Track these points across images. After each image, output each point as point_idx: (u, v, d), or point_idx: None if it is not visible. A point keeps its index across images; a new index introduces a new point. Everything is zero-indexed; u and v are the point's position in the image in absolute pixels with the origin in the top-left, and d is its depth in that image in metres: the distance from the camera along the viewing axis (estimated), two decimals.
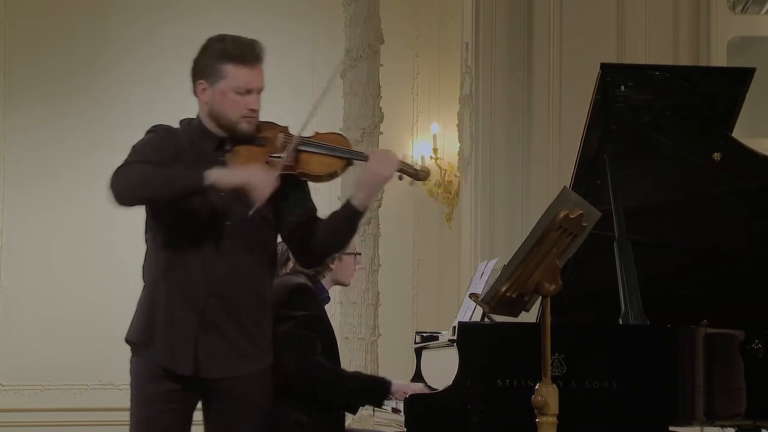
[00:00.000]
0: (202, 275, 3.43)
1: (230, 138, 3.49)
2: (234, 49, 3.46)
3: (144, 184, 3.35)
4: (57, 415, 8.71)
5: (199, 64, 3.50)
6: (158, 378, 3.44)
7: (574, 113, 6.60)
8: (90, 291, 8.64)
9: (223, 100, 3.45)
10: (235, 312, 3.47)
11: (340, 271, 4.63)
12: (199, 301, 3.43)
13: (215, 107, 3.47)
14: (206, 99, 3.48)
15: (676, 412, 3.89)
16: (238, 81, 3.44)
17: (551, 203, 3.34)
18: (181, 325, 3.43)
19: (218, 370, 3.46)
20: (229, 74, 3.45)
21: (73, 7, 9.04)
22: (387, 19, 7.98)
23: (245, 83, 3.45)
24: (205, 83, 3.48)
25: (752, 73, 4.48)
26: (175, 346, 3.43)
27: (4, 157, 9.00)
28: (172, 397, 3.45)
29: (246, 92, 3.46)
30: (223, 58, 3.45)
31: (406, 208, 9.16)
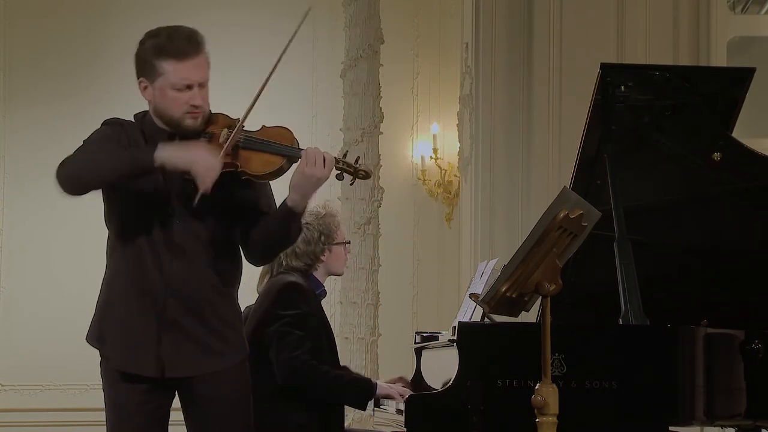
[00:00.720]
0: (157, 274, 3.37)
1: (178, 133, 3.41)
2: (168, 45, 3.35)
3: (93, 167, 3.32)
4: (57, 415, 8.71)
5: (138, 61, 3.43)
6: (125, 379, 3.39)
7: (574, 113, 6.60)
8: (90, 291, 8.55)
9: (164, 98, 3.37)
10: (196, 309, 3.39)
11: (331, 262, 4.61)
12: (158, 300, 3.37)
13: (158, 105, 3.40)
14: (149, 96, 3.41)
15: (676, 412, 3.88)
16: (175, 78, 3.34)
17: (551, 203, 3.34)
18: (139, 327, 3.38)
19: (185, 368, 3.39)
20: (165, 71, 3.34)
21: (73, 7, 9.04)
22: (387, 19, 7.98)
23: (183, 79, 3.34)
24: (146, 81, 3.41)
25: (752, 73, 4.48)
26: (135, 349, 3.37)
27: (4, 157, 9.00)
28: (144, 397, 3.40)
29: (186, 88, 3.35)
30: (158, 55, 3.36)
31: (406, 208, 9.16)
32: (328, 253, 4.57)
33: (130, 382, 3.39)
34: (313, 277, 4.56)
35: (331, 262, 4.60)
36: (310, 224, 4.50)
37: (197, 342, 3.40)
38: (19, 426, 8.65)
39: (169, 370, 3.38)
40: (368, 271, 7.39)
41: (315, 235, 4.53)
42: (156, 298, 3.37)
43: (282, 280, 4.48)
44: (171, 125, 3.40)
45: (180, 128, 3.39)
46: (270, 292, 4.46)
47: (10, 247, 8.96)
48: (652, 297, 4.14)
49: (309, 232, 4.49)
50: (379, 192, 7.56)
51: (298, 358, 4.29)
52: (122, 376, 3.40)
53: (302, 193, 3.40)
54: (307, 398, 4.37)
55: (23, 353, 8.75)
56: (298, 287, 4.43)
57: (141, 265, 3.39)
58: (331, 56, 8.63)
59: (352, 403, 4.52)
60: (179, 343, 3.38)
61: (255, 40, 8.72)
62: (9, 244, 8.97)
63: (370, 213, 7.48)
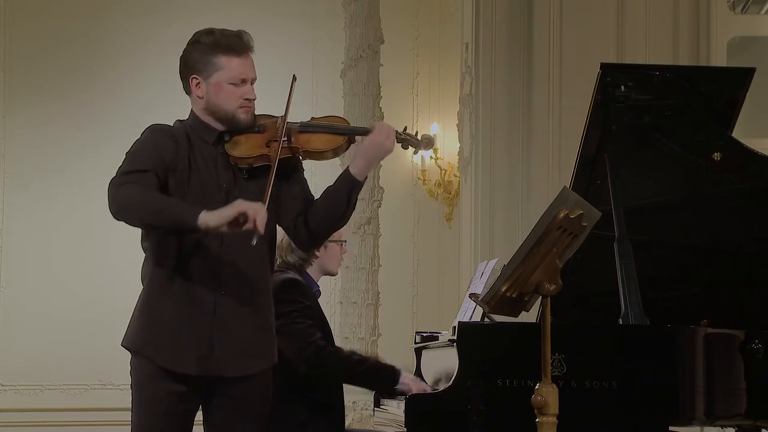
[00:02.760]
0: (208, 274, 3.41)
1: (228, 131, 3.48)
2: (225, 41, 3.45)
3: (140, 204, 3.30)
4: (57, 415, 8.71)
5: (190, 59, 3.48)
6: (163, 380, 3.41)
7: (574, 113, 6.59)
8: (90, 291, 8.65)
9: (219, 93, 3.45)
10: (243, 309, 3.45)
11: (326, 260, 4.60)
12: (209, 300, 3.41)
13: (211, 101, 3.46)
14: (201, 93, 3.47)
15: (676, 412, 3.88)
16: (233, 72, 3.44)
17: (551, 203, 3.34)
18: (191, 327, 3.40)
19: (233, 368, 3.44)
20: (222, 66, 3.44)
21: (73, 7, 9.04)
22: (387, 19, 7.99)
23: (239, 73, 3.45)
24: (199, 77, 3.46)
25: (752, 73, 4.48)
26: (186, 349, 3.40)
27: (4, 157, 9.00)
28: (177, 400, 3.42)
29: (241, 82, 3.45)
30: (214, 51, 3.44)
31: (406, 208, 9.17)
32: (323, 249, 4.57)
33: (167, 382, 3.40)
34: (307, 275, 4.56)
35: (325, 259, 4.59)
36: None
37: (243, 343, 3.45)
38: (19, 426, 8.65)
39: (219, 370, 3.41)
40: (368, 271, 7.40)
41: None
42: (207, 299, 3.41)
43: (279, 278, 4.48)
44: (224, 121, 3.47)
45: (233, 123, 3.46)
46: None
47: (10, 247, 8.97)
48: (652, 297, 4.14)
49: None
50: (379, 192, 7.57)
51: (316, 344, 4.30)
52: (161, 377, 3.41)
53: (369, 161, 3.52)
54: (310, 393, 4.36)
55: (23, 353, 8.75)
56: (296, 283, 4.44)
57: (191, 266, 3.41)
58: (331, 56, 8.64)
59: (376, 386, 4.51)
60: (229, 344, 3.43)
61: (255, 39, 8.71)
62: (9, 244, 8.98)
63: (370, 213, 7.49)
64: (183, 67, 3.51)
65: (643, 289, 4.09)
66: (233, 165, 3.48)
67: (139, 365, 3.47)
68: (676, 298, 4.54)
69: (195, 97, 3.50)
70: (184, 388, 3.42)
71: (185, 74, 3.50)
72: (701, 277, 4.61)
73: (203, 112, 3.50)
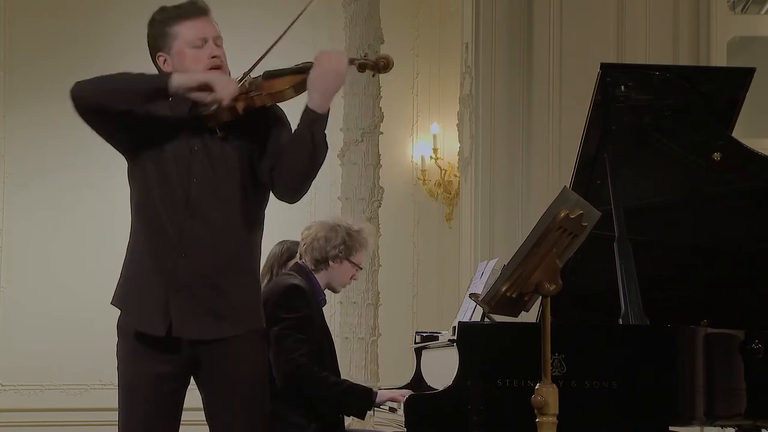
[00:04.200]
0: (172, 235, 3.37)
1: None
2: (176, 11, 3.46)
3: (106, 82, 3.32)
4: (57, 415, 8.72)
5: (151, 39, 3.48)
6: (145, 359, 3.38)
7: (574, 113, 6.60)
8: (90, 291, 8.64)
9: (183, 59, 3.43)
10: (207, 272, 3.39)
11: (336, 275, 4.60)
12: (169, 261, 3.37)
13: (179, 70, 3.42)
14: (169, 68, 3.45)
15: (676, 412, 3.88)
16: (189, 34, 3.42)
17: (551, 203, 3.34)
18: (151, 287, 3.38)
19: (193, 330, 3.38)
20: (178, 33, 3.43)
21: (73, 7, 9.05)
22: (387, 19, 7.98)
23: (197, 34, 3.43)
24: (164, 54, 3.46)
25: (752, 73, 4.48)
26: (147, 308, 3.38)
27: (4, 157, 9.01)
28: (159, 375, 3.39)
29: (202, 43, 3.43)
30: (169, 22, 3.44)
31: (406, 208, 9.17)
32: (338, 264, 4.58)
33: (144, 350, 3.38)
34: (315, 283, 4.57)
35: (335, 274, 4.60)
36: (338, 228, 4.54)
37: (205, 306, 3.39)
38: (19, 426, 8.66)
39: (177, 331, 3.37)
40: (368, 271, 7.40)
41: (338, 241, 4.55)
42: (167, 260, 3.38)
43: (285, 281, 4.49)
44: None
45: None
46: (273, 293, 4.46)
47: (10, 247, 8.97)
48: (652, 297, 4.14)
49: (335, 235, 4.53)
50: (379, 192, 7.57)
51: (296, 360, 4.30)
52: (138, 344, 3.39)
53: (322, 90, 3.40)
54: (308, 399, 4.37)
55: (23, 353, 8.76)
56: (300, 290, 4.44)
57: (157, 224, 3.40)
58: None
59: (350, 411, 4.52)
60: (187, 305, 3.38)
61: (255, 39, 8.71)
62: (9, 244, 8.98)
63: (370, 213, 7.49)
64: (150, 51, 3.50)
65: (643, 289, 4.09)
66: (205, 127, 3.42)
67: (121, 345, 3.46)
68: (676, 298, 4.53)
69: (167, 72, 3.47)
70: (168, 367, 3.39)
71: (153, 57, 3.49)
72: (701, 277, 4.61)
73: None
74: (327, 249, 4.55)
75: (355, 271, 4.65)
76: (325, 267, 4.58)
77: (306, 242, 4.55)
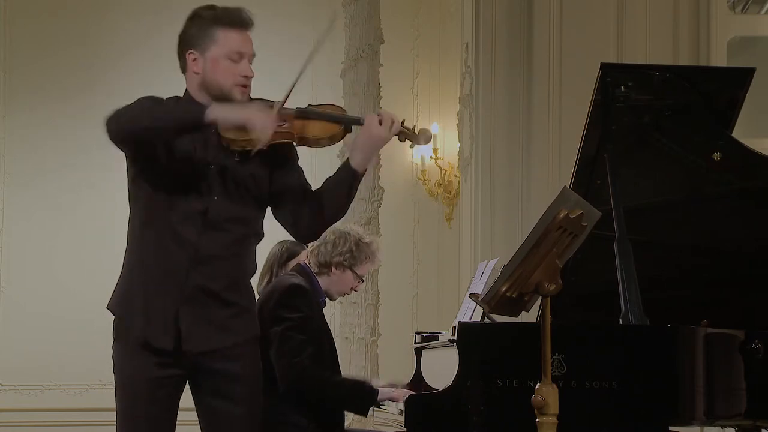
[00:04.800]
0: (187, 248, 3.37)
1: None
2: (224, 15, 3.40)
3: (143, 115, 3.28)
4: (57, 415, 8.72)
5: (188, 34, 3.42)
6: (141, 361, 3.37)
7: (574, 113, 6.60)
8: (90, 291, 8.62)
9: (216, 68, 3.38)
10: (217, 285, 3.40)
11: (336, 282, 4.61)
12: (181, 274, 3.37)
13: (207, 76, 3.40)
14: (197, 69, 3.40)
15: (676, 412, 3.88)
16: (230, 46, 3.37)
17: (551, 203, 3.34)
18: (159, 299, 3.37)
19: (200, 342, 3.39)
20: (220, 40, 3.37)
21: (73, 7, 9.05)
22: (387, 19, 7.98)
23: (237, 47, 3.38)
24: (196, 53, 3.40)
25: (752, 73, 4.48)
26: (154, 320, 3.36)
27: (4, 157, 9.01)
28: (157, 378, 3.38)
29: (239, 58, 3.39)
30: (213, 24, 3.39)
31: (406, 208, 9.17)
32: (341, 272, 4.58)
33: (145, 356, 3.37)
34: (317, 283, 4.57)
35: (336, 281, 4.61)
36: (348, 236, 4.54)
37: (214, 317, 3.40)
38: (19, 426, 8.66)
39: (186, 344, 3.37)
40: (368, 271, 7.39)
41: (345, 248, 4.56)
42: (179, 270, 3.37)
43: (286, 281, 4.49)
44: (219, 98, 3.38)
45: (228, 101, 3.38)
46: (274, 292, 4.46)
47: (10, 247, 8.97)
48: (652, 297, 4.14)
49: (343, 242, 4.53)
50: (379, 192, 7.57)
51: (300, 364, 4.31)
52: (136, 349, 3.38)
53: (367, 153, 3.43)
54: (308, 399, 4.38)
55: (23, 353, 8.75)
56: (301, 290, 4.44)
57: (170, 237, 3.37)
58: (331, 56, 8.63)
59: (353, 409, 4.54)
60: (198, 317, 3.38)
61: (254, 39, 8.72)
62: (9, 244, 8.98)
63: (370, 213, 7.49)
64: (181, 42, 3.45)
65: (643, 289, 4.09)
66: (225, 146, 3.39)
67: (118, 349, 3.44)
68: (676, 298, 4.53)
69: (191, 73, 3.43)
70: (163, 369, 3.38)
71: (182, 50, 3.44)
72: (701, 277, 4.61)
73: (198, 89, 3.43)
74: (332, 254, 4.56)
75: (357, 283, 4.65)
76: (327, 272, 4.59)
77: (314, 244, 4.55)
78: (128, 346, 3.41)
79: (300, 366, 4.30)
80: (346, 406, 4.53)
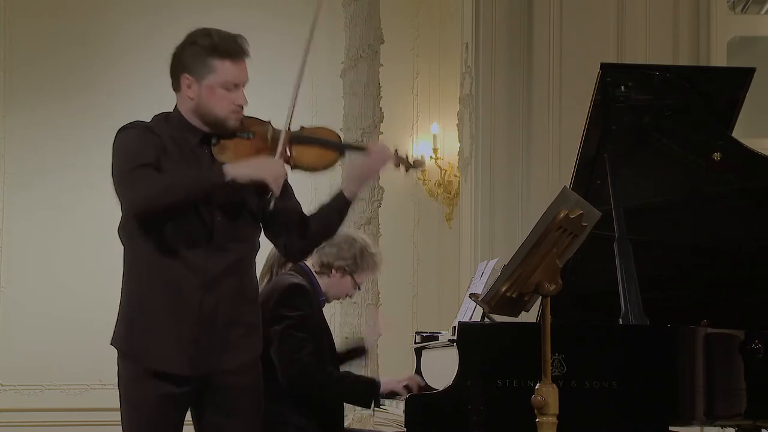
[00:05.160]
0: (198, 272, 3.39)
1: (215, 134, 3.45)
2: (222, 44, 3.42)
3: (166, 193, 3.30)
4: (57, 415, 8.71)
5: (185, 58, 3.45)
6: (151, 380, 3.38)
7: (574, 113, 6.60)
8: (90, 291, 8.64)
9: (211, 96, 3.41)
10: (229, 306, 3.43)
11: (334, 285, 4.60)
12: (195, 298, 3.39)
13: (202, 103, 3.42)
14: (192, 95, 3.43)
15: (676, 412, 3.88)
16: (226, 76, 3.41)
17: (551, 203, 3.34)
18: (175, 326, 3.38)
19: (215, 364, 3.42)
20: (217, 69, 3.41)
21: (73, 7, 9.04)
22: (387, 19, 7.99)
23: (233, 78, 3.42)
24: (191, 78, 3.43)
25: (752, 73, 4.48)
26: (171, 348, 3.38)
27: (4, 157, 9.00)
28: (166, 399, 3.40)
29: (234, 87, 3.43)
30: (211, 54, 3.41)
31: (406, 208, 9.16)
32: (340, 276, 4.59)
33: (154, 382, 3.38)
34: (316, 283, 4.57)
35: (334, 284, 4.61)
36: (354, 242, 4.55)
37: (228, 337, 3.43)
38: (19, 426, 8.65)
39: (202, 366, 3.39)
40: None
41: (349, 254, 4.57)
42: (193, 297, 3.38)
43: (286, 280, 4.49)
44: (213, 125, 3.44)
45: (221, 128, 3.44)
46: (274, 292, 4.46)
47: (10, 247, 8.97)
48: (652, 297, 4.14)
49: (348, 247, 4.54)
50: (379, 192, 7.57)
51: (301, 361, 4.31)
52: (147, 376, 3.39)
53: (360, 184, 3.57)
54: (308, 399, 4.38)
55: (23, 353, 8.75)
56: (301, 289, 4.44)
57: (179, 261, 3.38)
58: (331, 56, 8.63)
59: (356, 401, 4.55)
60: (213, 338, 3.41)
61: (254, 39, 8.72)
62: (9, 244, 8.98)
63: (370, 213, 7.49)
64: (175, 64, 3.47)
65: (643, 289, 4.09)
66: None
67: (126, 365, 3.45)
68: (676, 298, 4.54)
69: (185, 96, 3.46)
70: (173, 387, 3.40)
71: (177, 72, 3.47)
72: (701, 277, 4.61)
73: (191, 113, 3.46)
74: (337, 257, 4.56)
75: (353, 290, 4.67)
76: (327, 273, 4.59)
77: None
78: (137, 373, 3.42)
79: (301, 362, 4.30)
80: (350, 400, 4.53)
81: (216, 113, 3.42)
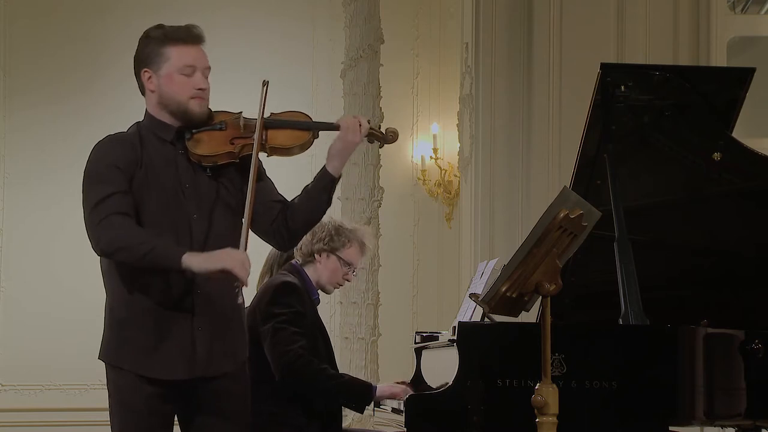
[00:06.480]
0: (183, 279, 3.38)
1: (187, 126, 3.47)
2: (174, 33, 3.49)
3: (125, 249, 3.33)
4: (57, 415, 8.71)
5: (141, 54, 3.53)
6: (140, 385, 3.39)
7: (574, 113, 6.60)
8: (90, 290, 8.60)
9: (170, 84, 3.46)
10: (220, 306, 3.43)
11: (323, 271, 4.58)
12: (187, 301, 3.40)
13: (163, 92, 3.46)
14: (152, 87, 3.48)
15: (676, 412, 3.89)
16: (182, 61, 3.45)
17: (551, 203, 3.34)
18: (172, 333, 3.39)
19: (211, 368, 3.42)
20: (172, 56, 3.46)
21: (73, 7, 9.05)
22: (387, 19, 7.98)
23: (189, 62, 3.45)
24: (150, 71, 3.49)
25: (752, 73, 4.48)
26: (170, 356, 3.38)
27: (4, 157, 9.01)
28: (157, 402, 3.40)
29: (192, 72, 3.46)
30: (165, 42, 3.48)
31: (406, 208, 9.16)
32: (325, 258, 4.57)
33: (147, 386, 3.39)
34: (308, 280, 4.57)
35: (322, 269, 4.59)
36: (325, 224, 4.55)
37: (222, 340, 3.44)
38: (19, 426, 8.66)
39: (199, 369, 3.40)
40: (368, 271, 7.39)
41: (323, 234, 4.58)
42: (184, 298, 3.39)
43: (278, 279, 4.50)
44: (177, 113, 3.46)
45: (186, 116, 3.45)
46: (266, 291, 4.47)
47: (10, 247, 8.97)
48: (652, 297, 4.14)
49: (321, 229, 4.55)
50: (379, 192, 7.56)
51: (294, 352, 4.30)
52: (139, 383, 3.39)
53: (342, 159, 3.56)
54: (306, 398, 4.37)
55: (23, 353, 8.75)
56: (293, 287, 4.44)
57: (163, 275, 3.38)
58: (331, 56, 8.63)
59: (349, 404, 4.52)
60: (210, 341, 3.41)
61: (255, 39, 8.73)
62: (9, 244, 8.98)
63: (370, 213, 7.48)
64: (135, 62, 3.56)
65: (643, 289, 4.09)
66: (195, 163, 3.46)
67: (115, 374, 3.46)
68: (676, 298, 4.54)
69: (148, 92, 3.52)
70: (162, 390, 3.40)
71: (138, 70, 3.54)
72: (701, 277, 4.61)
73: (157, 108, 3.49)
74: (313, 242, 4.57)
75: (346, 270, 4.62)
76: (312, 261, 4.58)
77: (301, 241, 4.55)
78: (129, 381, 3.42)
79: (293, 354, 4.29)
80: (342, 400, 4.50)
81: (178, 99, 3.45)
